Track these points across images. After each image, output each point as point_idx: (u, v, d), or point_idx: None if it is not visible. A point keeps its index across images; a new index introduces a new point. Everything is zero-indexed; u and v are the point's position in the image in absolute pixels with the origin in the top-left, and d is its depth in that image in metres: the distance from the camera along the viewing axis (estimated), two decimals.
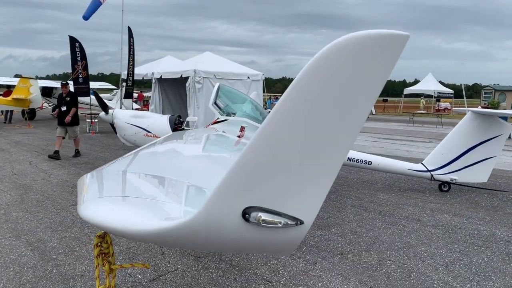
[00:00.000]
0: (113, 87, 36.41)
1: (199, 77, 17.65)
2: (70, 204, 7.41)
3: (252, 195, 1.45)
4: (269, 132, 1.44)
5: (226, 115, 8.21)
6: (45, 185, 8.67)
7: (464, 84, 44.35)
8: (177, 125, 8.70)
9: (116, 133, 9.69)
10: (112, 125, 9.18)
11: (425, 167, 9.01)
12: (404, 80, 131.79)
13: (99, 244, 2.21)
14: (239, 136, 6.69)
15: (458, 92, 44.70)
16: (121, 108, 21.82)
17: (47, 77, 78.65)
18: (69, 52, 17.61)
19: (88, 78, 18.56)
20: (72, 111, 10.38)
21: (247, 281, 4.64)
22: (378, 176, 10.57)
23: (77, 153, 11.67)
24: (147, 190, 2.52)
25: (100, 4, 19.92)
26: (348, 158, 8.85)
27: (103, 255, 2.37)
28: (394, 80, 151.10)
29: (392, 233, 6.37)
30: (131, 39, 18.53)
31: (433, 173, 8.95)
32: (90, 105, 19.32)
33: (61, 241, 5.70)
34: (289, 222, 1.52)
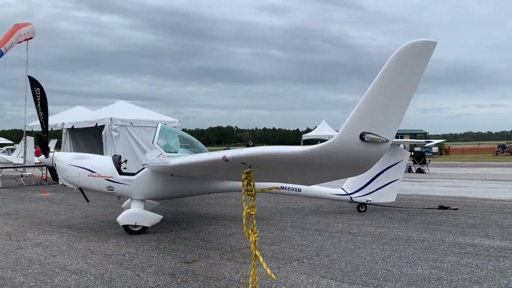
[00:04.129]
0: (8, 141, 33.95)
1: (116, 125, 17.72)
2: (16, 248, 7.27)
3: (364, 125, 2.30)
4: (373, 92, 2.33)
5: (169, 152, 8.79)
6: None
7: None
8: (120, 164, 8.99)
9: (54, 177, 9.60)
10: (51, 168, 9.11)
11: (345, 191, 10.37)
12: (298, 129, 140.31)
13: (247, 177, 2.75)
14: None
15: None
16: (24, 161, 20.81)
17: None
18: None
19: None
20: None
21: (227, 286, 5.20)
22: (302, 205, 11.72)
23: None
24: None
25: (2, 54, 19.33)
26: (282, 187, 9.85)
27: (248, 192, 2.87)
28: (289, 129, 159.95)
29: (332, 242, 7.37)
30: (37, 88, 18.08)
31: (352, 196, 10.32)
32: None
33: (26, 277, 5.70)
34: (383, 139, 2.38)
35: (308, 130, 63.86)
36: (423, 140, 10.06)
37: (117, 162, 8.84)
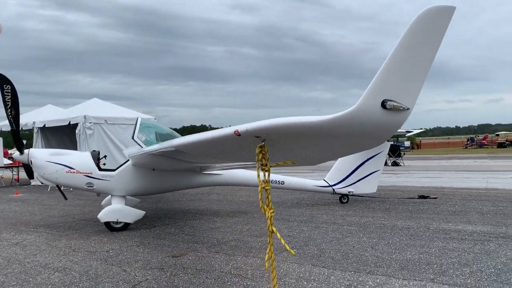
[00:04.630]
0: None
1: (90, 123, 17.30)
2: None
3: (385, 93, 2.25)
4: (394, 60, 2.28)
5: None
6: None
7: None
8: (99, 160, 8.72)
9: (29, 175, 9.24)
10: (26, 166, 8.76)
11: (327, 183, 10.39)
12: None
13: (261, 151, 2.62)
14: None
15: None
16: None
17: None
18: None
19: None
20: None
21: (218, 277, 5.10)
22: (284, 198, 11.70)
23: None
24: None
25: None
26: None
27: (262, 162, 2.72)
28: None
29: (319, 232, 7.35)
30: (6, 85, 17.40)
31: (334, 187, 10.36)
32: None
33: (6, 277, 5.44)
34: (404, 107, 2.32)
35: None
36: (404, 130, 10.18)
37: (96, 158, 8.59)
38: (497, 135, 66.64)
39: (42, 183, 9.29)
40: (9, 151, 37.78)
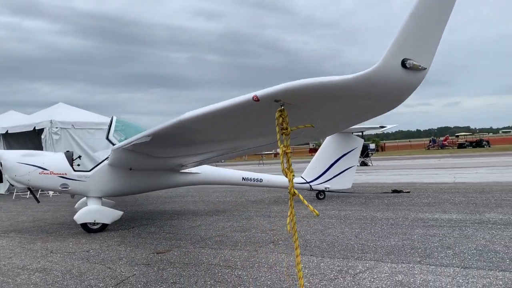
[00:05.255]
0: None
1: (56, 128, 16.79)
2: None
3: (404, 53, 2.29)
4: (412, 20, 2.34)
5: None
6: None
7: None
8: (73, 160, 8.44)
9: None
10: None
11: (304, 179, 10.48)
12: None
13: (281, 115, 2.56)
14: None
15: None
16: None
17: None
18: None
19: None
20: None
21: (208, 269, 5.03)
22: (262, 197, 11.71)
23: None
24: None
25: None
26: (242, 177, 9.77)
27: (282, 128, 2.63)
28: None
29: (301, 225, 7.39)
30: None
31: (311, 184, 10.46)
32: None
33: None
34: (422, 67, 2.37)
35: None
36: (377, 126, 10.43)
37: (71, 158, 8.32)
38: (457, 136, 69.26)
39: (12, 185, 8.90)
40: None
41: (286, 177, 2.83)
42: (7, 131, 17.87)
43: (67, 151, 8.76)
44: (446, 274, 4.37)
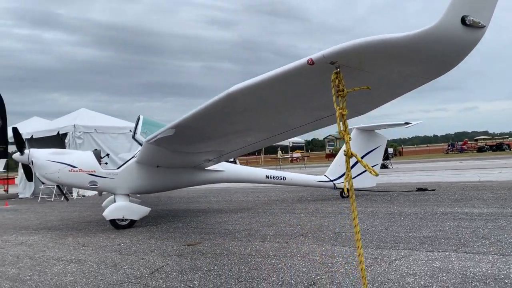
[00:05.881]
0: None
1: (80, 132, 17.11)
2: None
3: (464, 9, 2.30)
4: None
5: None
6: None
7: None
8: (101, 159, 8.57)
9: (28, 177, 9.01)
10: (25, 167, 8.54)
11: (328, 178, 10.44)
12: None
13: (337, 77, 2.58)
14: None
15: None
16: None
17: None
18: None
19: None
20: None
21: (241, 258, 5.04)
22: (284, 196, 11.70)
23: None
24: None
25: None
26: (266, 175, 9.78)
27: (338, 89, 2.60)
28: None
29: (329, 220, 7.36)
30: None
31: (334, 182, 10.40)
32: None
33: (20, 269, 5.28)
34: (481, 24, 2.37)
35: None
36: (402, 122, 10.32)
37: (99, 156, 8.46)
38: (476, 140, 68.08)
39: (43, 183, 9.08)
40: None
41: (343, 139, 2.82)
42: (32, 136, 18.23)
43: (95, 150, 8.91)
44: (485, 261, 4.30)
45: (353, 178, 10.31)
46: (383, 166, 24.55)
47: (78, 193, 16.35)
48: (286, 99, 4.01)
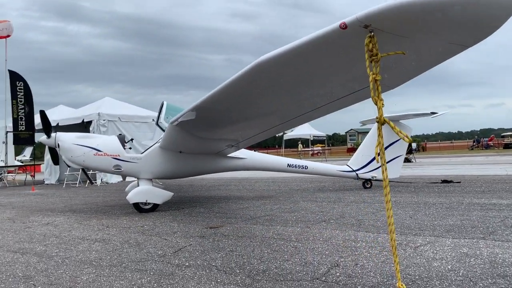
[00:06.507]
0: None
1: (104, 120, 17.38)
2: (24, 227, 6.91)
3: None
4: None
5: None
6: None
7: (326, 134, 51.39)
8: (125, 143, 8.69)
9: (54, 160, 9.20)
10: (52, 150, 8.73)
11: (351, 168, 10.33)
12: None
13: (371, 41, 2.53)
14: None
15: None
16: (6, 155, 20.12)
17: None
18: None
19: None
20: None
21: (263, 241, 5.04)
22: (305, 186, 11.63)
23: None
24: None
25: None
26: (288, 164, 9.74)
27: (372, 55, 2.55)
28: None
29: (351, 208, 7.29)
30: (19, 82, 17.60)
31: (357, 172, 10.29)
32: None
33: (47, 247, 5.40)
34: None
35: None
36: (428, 112, 10.08)
37: (123, 141, 8.56)
38: (503, 136, 66.34)
39: (68, 166, 9.25)
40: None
41: (376, 105, 2.77)
42: (58, 123, 18.58)
43: (120, 134, 9.02)
44: None
45: (377, 168, 10.06)
46: (406, 160, 24.17)
47: (102, 180, 16.64)
48: (317, 69, 3.78)
